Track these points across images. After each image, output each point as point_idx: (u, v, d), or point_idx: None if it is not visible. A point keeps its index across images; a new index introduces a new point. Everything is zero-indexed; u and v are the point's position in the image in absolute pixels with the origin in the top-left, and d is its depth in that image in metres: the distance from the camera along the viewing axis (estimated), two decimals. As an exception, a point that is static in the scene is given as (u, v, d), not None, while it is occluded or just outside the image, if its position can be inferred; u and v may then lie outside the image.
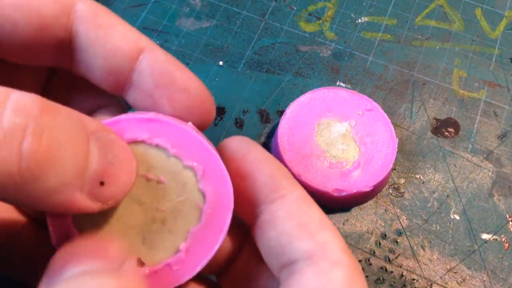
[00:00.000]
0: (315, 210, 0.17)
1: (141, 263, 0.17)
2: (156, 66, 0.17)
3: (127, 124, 0.17)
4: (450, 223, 0.33)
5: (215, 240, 0.17)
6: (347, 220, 0.33)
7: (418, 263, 0.32)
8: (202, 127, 0.19)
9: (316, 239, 0.16)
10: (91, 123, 0.15)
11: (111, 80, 0.18)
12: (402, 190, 0.34)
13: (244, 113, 0.36)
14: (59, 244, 0.16)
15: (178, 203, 0.17)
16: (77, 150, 0.14)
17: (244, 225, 0.20)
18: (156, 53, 0.18)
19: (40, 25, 0.17)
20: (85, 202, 0.15)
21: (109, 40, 0.17)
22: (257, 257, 0.18)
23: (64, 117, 0.14)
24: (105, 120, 0.17)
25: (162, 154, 0.17)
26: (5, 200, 0.14)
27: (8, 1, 0.16)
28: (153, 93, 0.18)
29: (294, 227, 0.17)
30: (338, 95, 0.34)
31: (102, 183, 0.15)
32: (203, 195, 0.17)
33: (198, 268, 0.17)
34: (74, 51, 0.18)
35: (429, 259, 0.32)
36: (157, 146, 0.17)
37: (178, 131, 0.17)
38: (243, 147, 0.18)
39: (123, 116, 0.17)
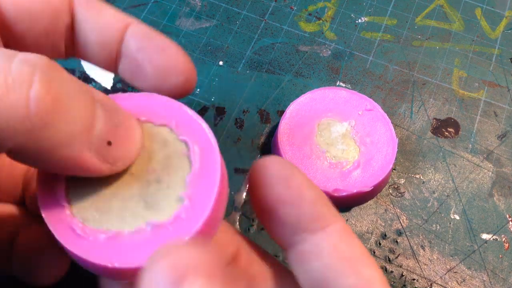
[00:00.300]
0: (358, 244, 0.17)
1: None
2: (138, 33, 0.19)
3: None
4: (450, 223, 0.33)
5: (214, 178, 0.17)
6: (347, 220, 0.33)
7: (418, 263, 0.32)
8: (185, 88, 0.20)
9: (362, 275, 0.16)
10: (97, 92, 0.16)
11: (104, 53, 0.20)
12: (402, 190, 0.34)
13: (244, 113, 0.36)
14: (49, 218, 0.17)
15: (166, 159, 0.18)
16: (83, 106, 0.15)
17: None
18: (139, 25, 0.20)
19: (53, 13, 0.18)
20: (93, 160, 0.15)
21: (101, 17, 0.19)
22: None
23: (69, 77, 0.15)
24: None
25: None
26: (17, 153, 0.15)
27: None
28: (136, 56, 0.19)
29: (339, 262, 0.17)
30: (338, 95, 0.34)
31: (109, 143, 0.16)
32: (186, 144, 0.18)
33: (207, 211, 0.17)
34: (74, 33, 0.20)
35: (429, 259, 0.32)
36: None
37: (147, 97, 0.19)
38: (285, 170, 0.18)
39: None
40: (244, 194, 0.33)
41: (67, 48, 0.20)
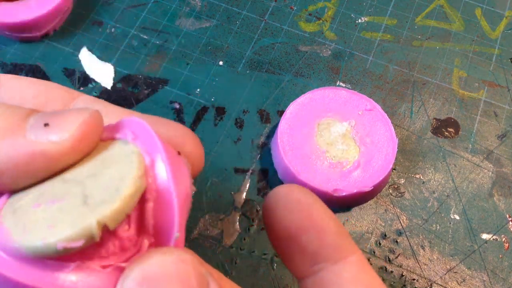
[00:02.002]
0: (375, 275, 0.18)
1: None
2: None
3: None
4: (450, 223, 0.33)
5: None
6: (347, 220, 0.33)
7: (418, 263, 0.32)
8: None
9: None
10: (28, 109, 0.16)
11: None
12: (402, 190, 0.34)
13: (244, 113, 0.36)
14: None
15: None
16: (12, 113, 0.15)
17: None
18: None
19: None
20: (33, 141, 0.15)
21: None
22: None
23: None
24: None
25: None
26: None
27: None
28: None
29: None
30: (338, 95, 0.34)
31: (46, 125, 0.15)
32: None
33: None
34: None
35: (429, 259, 0.32)
36: None
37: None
38: (307, 199, 0.18)
39: None
40: (244, 194, 0.33)
41: None
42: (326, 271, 0.18)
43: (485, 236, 0.33)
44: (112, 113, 0.18)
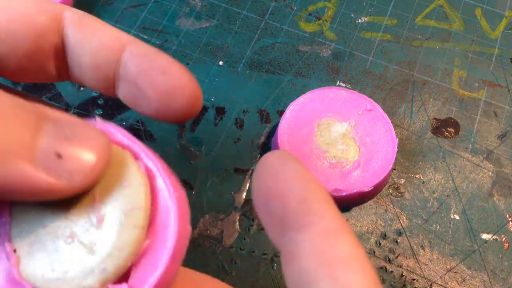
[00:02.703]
0: (344, 244, 0.15)
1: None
2: (138, 54, 0.18)
3: None
4: (450, 223, 0.33)
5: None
6: (347, 220, 0.33)
7: (418, 263, 0.32)
8: (190, 112, 0.18)
9: (338, 281, 0.14)
10: (52, 110, 0.15)
11: (100, 77, 0.18)
12: (402, 190, 0.34)
13: (244, 113, 0.36)
14: None
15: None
16: (20, 122, 0.14)
17: None
18: (138, 45, 0.18)
19: (37, 33, 0.17)
20: (41, 175, 0.14)
21: (95, 37, 0.18)
22: None
23: (5, 96, 0.14)
24: None
25: None
26: None
27: (3, 17, 0.17)
28: (137, 80, 0.18)
29: (316, 265, 0.14)
30: (338, 95, 0.34)
31: (59, 156, 0.14)
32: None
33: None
34: (68, 55, 0.18)
35: (429, 259, 0.32)
36: None
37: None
38: (278, 162, 0.16)
39: None
40: (244, 194, 0.33)
41: (59, 71, 0.19)
42: (290, 241, 0.15)
43: (485, 236, 0.33)
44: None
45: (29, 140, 0.14)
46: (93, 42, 0.18)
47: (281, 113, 0.36)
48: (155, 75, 0.18)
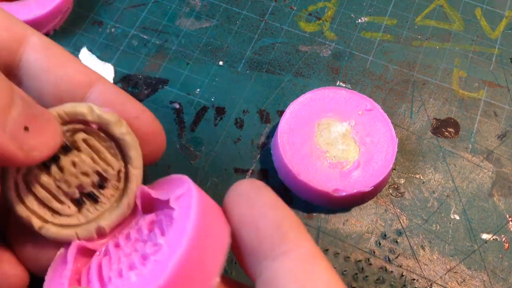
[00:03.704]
0: (322, 271, 0.15)
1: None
2: (107, 96, 0.18)
3: None
4: (450, 223, 0.33)
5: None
6: (347, 220, 0.33)
7: (418, 263, 0.32)
8: (153, 156, 0.19)
9: None
10: (16, 87, 0.16)
11: None
12: (402, 190, 0.34)
13: (244, 113, 0.36)
14: None
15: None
16: (0, 90, 0.14)
17: None
18: (107, 84, 0.18)
19: None
20: (7, 142, 0.14)
21: (62, 69, 0.18)
22: None
23: None
24: None
25: None
26: None
27: None
28: None
29: None
30: (338, 95, 0.34)
31: (26, 129, 0.15)
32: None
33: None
34: (23, 79, 0.18)
35: (429, 259, 0.32)
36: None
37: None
38: (251, 190, 0.16)
39: None
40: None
41: None
42: (266, 270, 0.15)
43: (485, 236, 0.33)
44: (130, 108, 0.18)
45: (4, 108, 0.14)
46: (59, 73, 0.18)
47: (281, 113, 0.36)
48: (127, 119, 0.18)
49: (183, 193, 0.16)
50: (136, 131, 0.18)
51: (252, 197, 0.16)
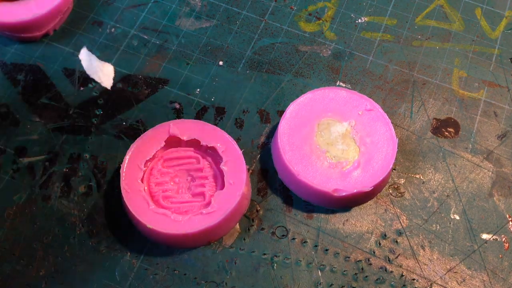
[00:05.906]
0: None
1: None
2: None
3: None
4: (450, 223, 0.33)
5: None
6: (347, 220, 0.33)
7: (418, 263, 0.32)
8: None
9: None
10: None
11: None
12: (402, 190, 0.34)
13: (244, 113, 0.36)
14: None
15: None
16: None
17: None
18: None
19: None
20: None
21: None
22: None
23: None
24: None
25: None
26: None
27: None
28: None
29: None
30: (338, 95, 0.34)
31: None
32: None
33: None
34: None
35: (429, 259, 0.32)
36: None
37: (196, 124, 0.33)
38: None
39: None
40: (244, 194, 0.33)
41: None
42: None
43: (485, 236, 0.33)
44: None
45: None
46: None
47: (281, 113, 0.36)
48: None
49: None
50: None
51: None
